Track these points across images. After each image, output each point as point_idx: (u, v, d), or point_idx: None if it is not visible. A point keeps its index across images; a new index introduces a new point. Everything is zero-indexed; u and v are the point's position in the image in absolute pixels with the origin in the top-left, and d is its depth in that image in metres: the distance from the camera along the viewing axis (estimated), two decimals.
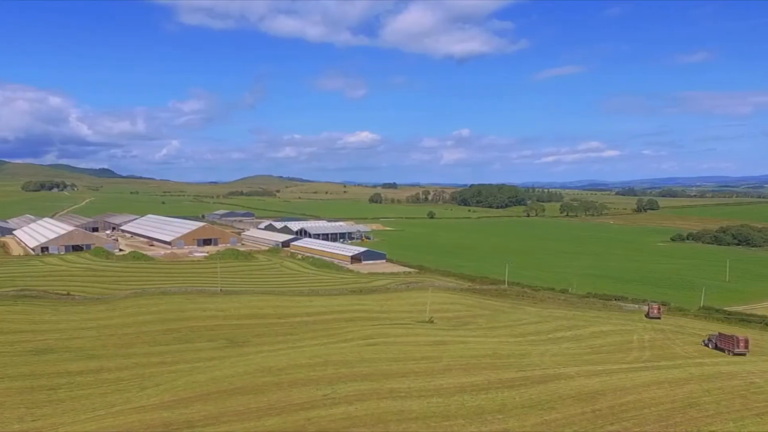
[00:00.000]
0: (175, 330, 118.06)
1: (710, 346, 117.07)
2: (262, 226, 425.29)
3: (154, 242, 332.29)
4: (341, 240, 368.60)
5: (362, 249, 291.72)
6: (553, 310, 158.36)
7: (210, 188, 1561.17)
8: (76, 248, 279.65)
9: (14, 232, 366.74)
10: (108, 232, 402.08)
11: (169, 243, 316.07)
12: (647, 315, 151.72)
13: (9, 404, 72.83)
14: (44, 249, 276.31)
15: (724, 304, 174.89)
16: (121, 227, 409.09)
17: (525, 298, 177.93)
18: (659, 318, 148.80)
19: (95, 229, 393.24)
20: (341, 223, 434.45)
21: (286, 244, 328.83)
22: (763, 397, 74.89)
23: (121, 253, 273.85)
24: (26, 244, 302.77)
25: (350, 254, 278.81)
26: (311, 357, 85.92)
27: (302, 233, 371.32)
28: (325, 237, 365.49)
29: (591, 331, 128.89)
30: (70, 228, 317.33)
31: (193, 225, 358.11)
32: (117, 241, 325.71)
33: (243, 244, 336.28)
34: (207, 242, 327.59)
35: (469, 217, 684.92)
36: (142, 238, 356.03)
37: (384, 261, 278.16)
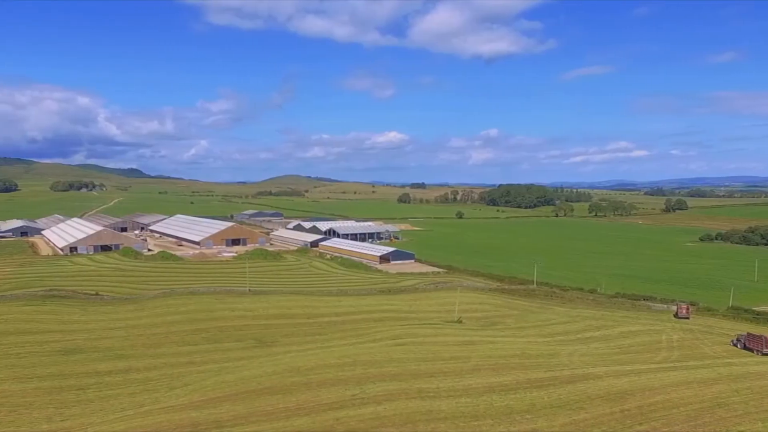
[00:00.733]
0: (204, 330, 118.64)
1: (739, 346, 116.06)
2: (291, 226, 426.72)
3: (183, 242, 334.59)
4: (370, 240, 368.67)
5: (391, 249, 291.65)
6: (581, 310, 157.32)
7: (238, 188, 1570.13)
8: (105, 248, 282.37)
9: (43, 232, 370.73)
10: (137, 232, 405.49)
11: (197, 243, 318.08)
12: (676, 315, 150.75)
13: (38, 404, 73.60)
14: (73, 249, 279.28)
15: (753, 304, 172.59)
16: (150, 227, 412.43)
17: (553, 298, 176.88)
18: (688, 318, 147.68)
19: (124, 229, 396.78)
20: (370, 223, 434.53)
21: (314, 244, 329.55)
22: None
23: (150, 253, 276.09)
24: (55, 244, 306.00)
25: (379, 254, 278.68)
26: (340, 357, 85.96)
27: (331, 233, 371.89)
28: (354, 237, 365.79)
29: (619, 331, 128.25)
30: (99, 228, 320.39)
31: (221, 225, 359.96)
32: (146, 241, 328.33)
33: (271, 244, 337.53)
34: (235, 242, 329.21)
35: (497, 217, 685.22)
36: (170, 238, 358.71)
37: (413, 261, 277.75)
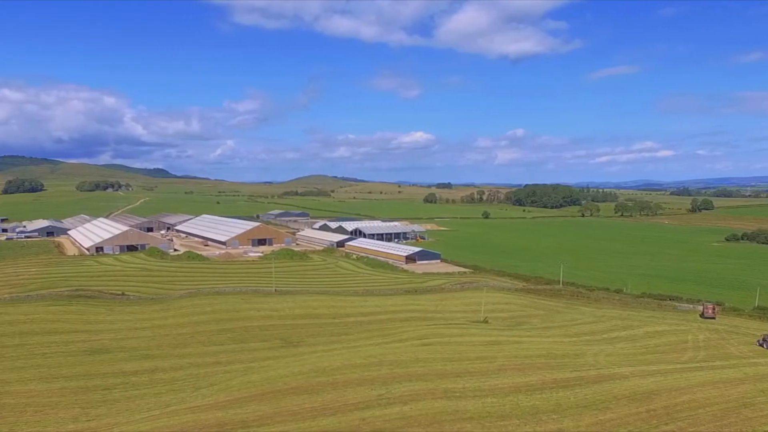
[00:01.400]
0: (230, 330, 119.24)
1: (765, 346, 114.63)
2: (317, 226, 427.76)
3: (209, 242, 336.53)
4: (396, 240, 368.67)
5: (417, 249, 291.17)
6: (607, 310, 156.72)
7: (265, 188, 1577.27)
8: (131, 248, 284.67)
9: (69, 232, 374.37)
10: (163, 232, 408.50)
11: (223, 243, 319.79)
12: (702, 315, 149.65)
13: (64, 404, 74.35)
14: (99, 249, 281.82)
15: None
16: (176, 227, 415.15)
17: (579, 298, 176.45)
18: (714, 318, 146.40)
19: (150, 229, 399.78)
20: (396, 223, 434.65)
21: (340, 244, 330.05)
22: None
23: (176, 253, 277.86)
24: (81, 244, 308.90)
25: (405, 254, 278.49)
26: (366, 357, 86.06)
27: (357, 233, 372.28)
28: (380, 237, 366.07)
29: (646, 331, 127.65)
30: (125, 228, 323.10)
31: (247, 225, 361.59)
32: (172, 241, 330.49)
33: (298, 244, 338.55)
34: (262, 242, 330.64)
35: (523, 217, 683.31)
36: (196, 238, 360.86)
37: (439, 261, 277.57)
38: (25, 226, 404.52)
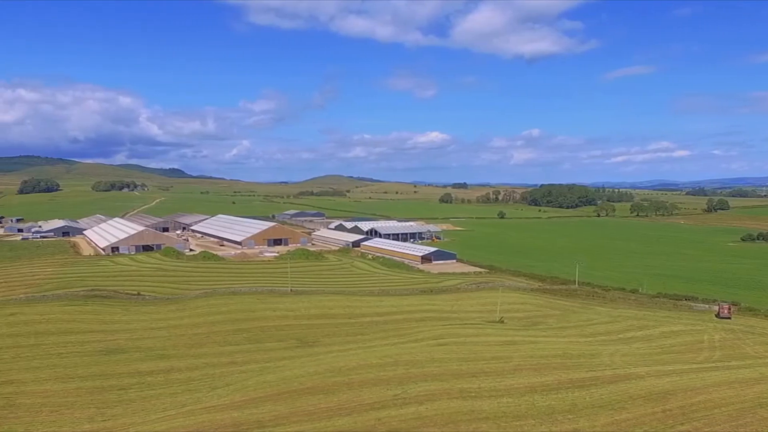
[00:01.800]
0: (246, 330, 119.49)
1: None
2: (333, 226, 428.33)
3: (225, 242, 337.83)
4: (411, 240, 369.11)
5: (432, 249, 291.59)
6: (623, 310, 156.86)
7: (280, 188, 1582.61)
8: (147, 248, 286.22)
9: (84, 232, 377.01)
10: (178, 232, 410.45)
11: (239, 243, 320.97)
12: (717, 315, 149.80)
13: (80, 404, 74.66)
14: (114, 249, 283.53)
15: None
16: (192, 227, 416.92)
17: (595, 298, 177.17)
18: (729, 318, 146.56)
19: (165, 229, 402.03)
20: (411, 223, 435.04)
21: (356, 244, 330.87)
22: None
23: (192, 253, 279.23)
24: (96, 244, 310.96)
25: (421, 254, 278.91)
26: (381, 357, 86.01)
27: (372, 233, 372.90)
28: (396, 237, 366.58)
29: (661, 331, 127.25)
30: (141, 228, 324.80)
31: (263, 225, 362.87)
32: (187, 241, 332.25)
33: (313, 244, 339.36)
34: (277, 242, 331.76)
35: (539, 217, 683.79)
36: (212, 238, 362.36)
37: (454, 261, 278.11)
38: (40, 226, 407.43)
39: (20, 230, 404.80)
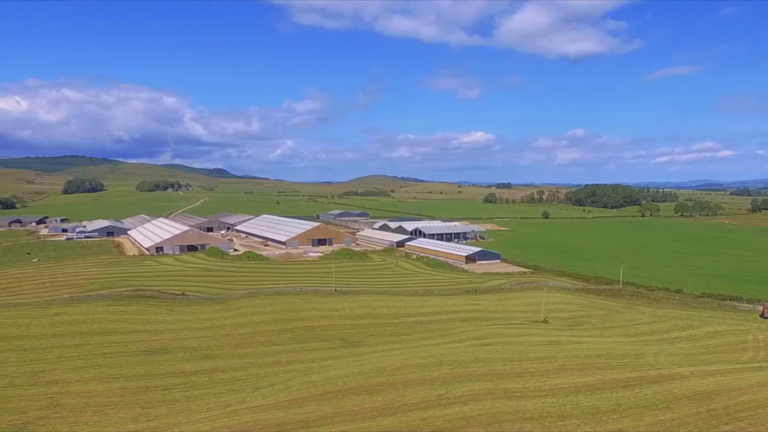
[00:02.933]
0: (290, 330, 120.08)
1: None
2: (377, 226, 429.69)
3: (269, 242, 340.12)
4: (456, 240, 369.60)
5: (477, 249, 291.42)
6: (667, 310, 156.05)
7: (324, 188, 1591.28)
8: (191, 248, 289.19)
9: (129, 232, 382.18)
10: (223, 232, 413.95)
11: (283, 243, 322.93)
12: (762, 315, 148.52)
13: (124, 404, 75.47)
14: (159, 249, 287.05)
15: None
16: (236, 227, 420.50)
17: (639, 298, 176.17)
18: None
19: (210, 229, 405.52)
20: (456, 223, 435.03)
21: (400, 244, 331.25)
22: None
23: (236, 253, 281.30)
24: (141, 244, 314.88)
25: (465, 254, 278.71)
26: (426, 357, 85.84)
27: (417, 233, 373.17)
28: (440, 237, 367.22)
29: (706, 331, 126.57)
30: (185, 228, 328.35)
31: (307, 225, 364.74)
32: (232, 241, 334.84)
33: (357, 244, 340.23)
34: (321, 242, 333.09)
35: (583, 217, 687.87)
36: (256, 238, 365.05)
37: (498, 261, 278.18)
38: (85, 226, 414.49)
39: (65, 230, 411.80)
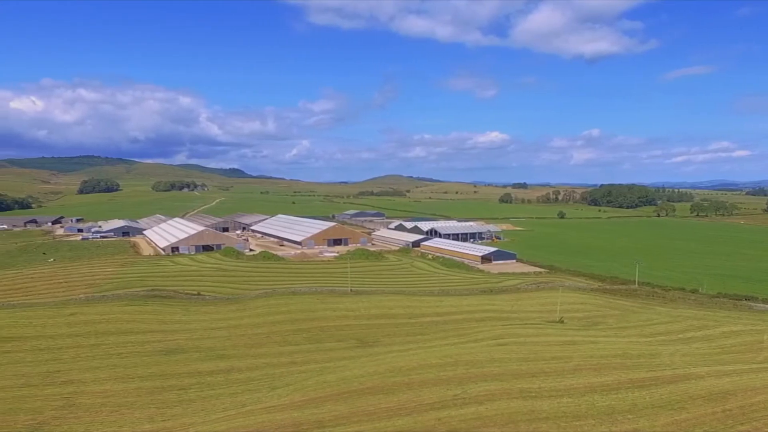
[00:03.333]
0: (305, 330, 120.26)
1: None
2: (393, 226, 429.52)
3: (285, 242, 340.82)
4: (471, 240, 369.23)
5: (492, 249, 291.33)
6: (683, 310, 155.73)
7: (340, 188, 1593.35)
8: (207, 248, 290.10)
9: (144, 232, 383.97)
10: (238, 232, 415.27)
11: (299, 243, 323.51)
12: None
13: (139, 404, 75.83)
14: (174, 249, 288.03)
15: None
16: (252, 227, 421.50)
17: (655, 298, 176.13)
18: None
19: (225, 229, 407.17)
20: (471, 223, 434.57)
21: (416, 244, 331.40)
22: None
23: (252, 253, 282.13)
24: (156, 244, 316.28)
25: (480, 254, 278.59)
26: (441, 357, 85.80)
27: (432, 233, 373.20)
28: (455, 237, 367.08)
29: (721, 331, 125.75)
30: (201, 228, 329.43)
31: (323, 225, 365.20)
32: (247, 241, 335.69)
33: (373, 244, 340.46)
34: (337, 242, 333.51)
35: (599, 217, 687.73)
36: (272, 238, 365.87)
37: (514, 261, 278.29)
38: (100, 226, 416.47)
39: (80, 230, 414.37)
